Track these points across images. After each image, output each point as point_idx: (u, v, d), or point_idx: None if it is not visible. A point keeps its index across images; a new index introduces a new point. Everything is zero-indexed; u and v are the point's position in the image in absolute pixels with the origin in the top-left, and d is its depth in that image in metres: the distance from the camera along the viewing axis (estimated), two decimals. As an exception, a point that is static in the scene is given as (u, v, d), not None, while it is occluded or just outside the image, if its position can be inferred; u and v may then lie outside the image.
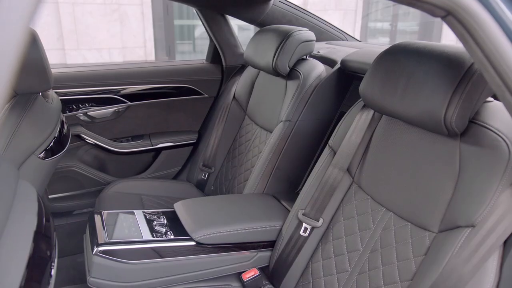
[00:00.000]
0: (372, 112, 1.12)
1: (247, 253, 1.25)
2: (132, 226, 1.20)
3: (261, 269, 1.30)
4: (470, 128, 0.88)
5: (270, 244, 1.29)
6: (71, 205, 1.92)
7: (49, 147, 1.30)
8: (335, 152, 1.18)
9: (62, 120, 1.48)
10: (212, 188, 1.86)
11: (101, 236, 1.13)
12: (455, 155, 0.89)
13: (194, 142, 2.11)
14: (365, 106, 1.15)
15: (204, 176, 1.87)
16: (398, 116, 0.98)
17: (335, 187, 1.15)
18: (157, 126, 2.07)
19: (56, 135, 1.35)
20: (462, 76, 0.83)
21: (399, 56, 0.97)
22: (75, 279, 1.75)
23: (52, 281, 0.69)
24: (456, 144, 0.90)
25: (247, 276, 1.25)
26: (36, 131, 1.25)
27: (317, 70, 1.56)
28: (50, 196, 1.89)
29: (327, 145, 1.23)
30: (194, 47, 7.49)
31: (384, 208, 1.04)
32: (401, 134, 1.04)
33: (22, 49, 0.36)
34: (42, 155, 1.26)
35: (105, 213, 1.25)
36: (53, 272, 0.70)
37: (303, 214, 1.19)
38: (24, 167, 1.19)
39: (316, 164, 1.24)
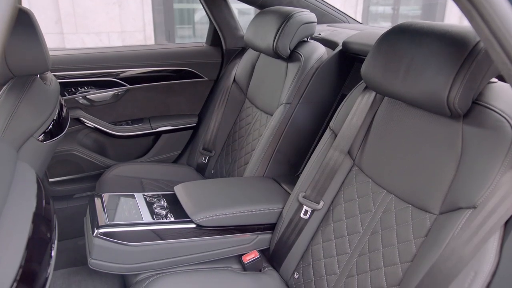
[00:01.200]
0: (373, 94, 1.11)
1: (247, 236, 1.26)
2: (133, 209, 1.20)
3: (262, 252, 1.31)
4: (473, 109, 0.87)
5: (271, 227, 1.29)
6: (71, 188, 1.92)
7: (48, 130, 1.29)
8: (336, 134, 1.18)
9: (61, 102, 1.47)
10: (212, 172, 1.86)
11: (102, 218, 1.13)
12: (458, 136, 0.88)
13: (194, 126, 2.10)
14: (366, 88, 1.13)
15: (204, 159, 1.86)
16: (400, 97, 0.97)
17: (336, 169, 1.14)
18: (157, 109, 2.06)
19: (55, 118, 1.34)
20: (466, 55, 0.81)
21: (401, 37, 0.95)
22: (77, 262, 1.76)
23: (52, 262, 0.68)
24: (459, 125, 0.89)
25: (248, 258, 1.25)
26: (35, 113, 1.24)
27: (318, 52, 1.54)
28: (50, 180, 1.90)
29: (328, 128, 1.22)
30: (194, 31, 7.40)
31: (385, 191, 1.04)
32: (403, 116, 1.03)
33: (9, 27, 0.34)
34: (41, 137, 1.25)
35: (105, 196, 1.25)
36: (53, 253, 0.69)
37: (303, 197, 1.19)
38: (23, 149, 1.18)
39: (317, 147, 1.23)
